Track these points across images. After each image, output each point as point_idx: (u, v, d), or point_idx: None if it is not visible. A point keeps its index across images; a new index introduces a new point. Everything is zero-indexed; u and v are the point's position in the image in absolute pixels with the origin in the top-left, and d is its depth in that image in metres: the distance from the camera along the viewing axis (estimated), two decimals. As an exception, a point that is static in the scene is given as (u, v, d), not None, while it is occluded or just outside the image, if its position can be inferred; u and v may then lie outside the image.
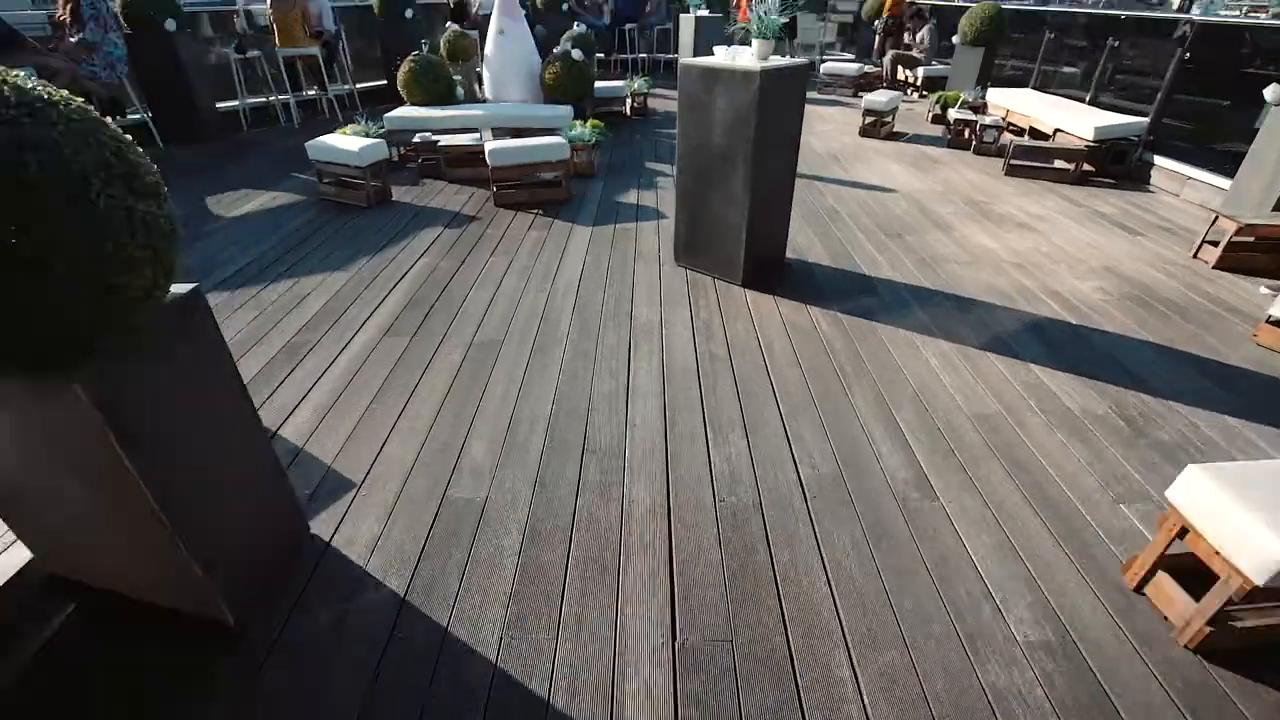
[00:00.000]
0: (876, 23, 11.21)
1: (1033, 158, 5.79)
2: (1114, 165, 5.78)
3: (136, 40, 6.60)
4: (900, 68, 9.71)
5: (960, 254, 4.07)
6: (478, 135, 5.39)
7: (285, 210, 4.88)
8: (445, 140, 5.44)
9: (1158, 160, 5.63)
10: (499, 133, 5.87)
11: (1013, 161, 5.79)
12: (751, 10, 3.18)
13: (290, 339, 3.13)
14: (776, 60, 3.17)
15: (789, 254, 3.95)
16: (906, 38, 9.43)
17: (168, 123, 6.95)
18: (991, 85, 7.83)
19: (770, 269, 3.75)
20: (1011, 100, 7.16)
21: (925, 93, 9.39)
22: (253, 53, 7.66)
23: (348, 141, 4.85)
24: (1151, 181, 5.65)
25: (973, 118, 6.69)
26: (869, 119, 7.10)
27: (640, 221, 4.54)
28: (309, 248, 4.19)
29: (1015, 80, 8.57)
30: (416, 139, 5.61)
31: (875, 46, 11.11)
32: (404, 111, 6.03)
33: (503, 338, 3.09)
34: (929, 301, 3.47)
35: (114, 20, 6.35)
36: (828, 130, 7.40)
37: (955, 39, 8.37)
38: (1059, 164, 5.75)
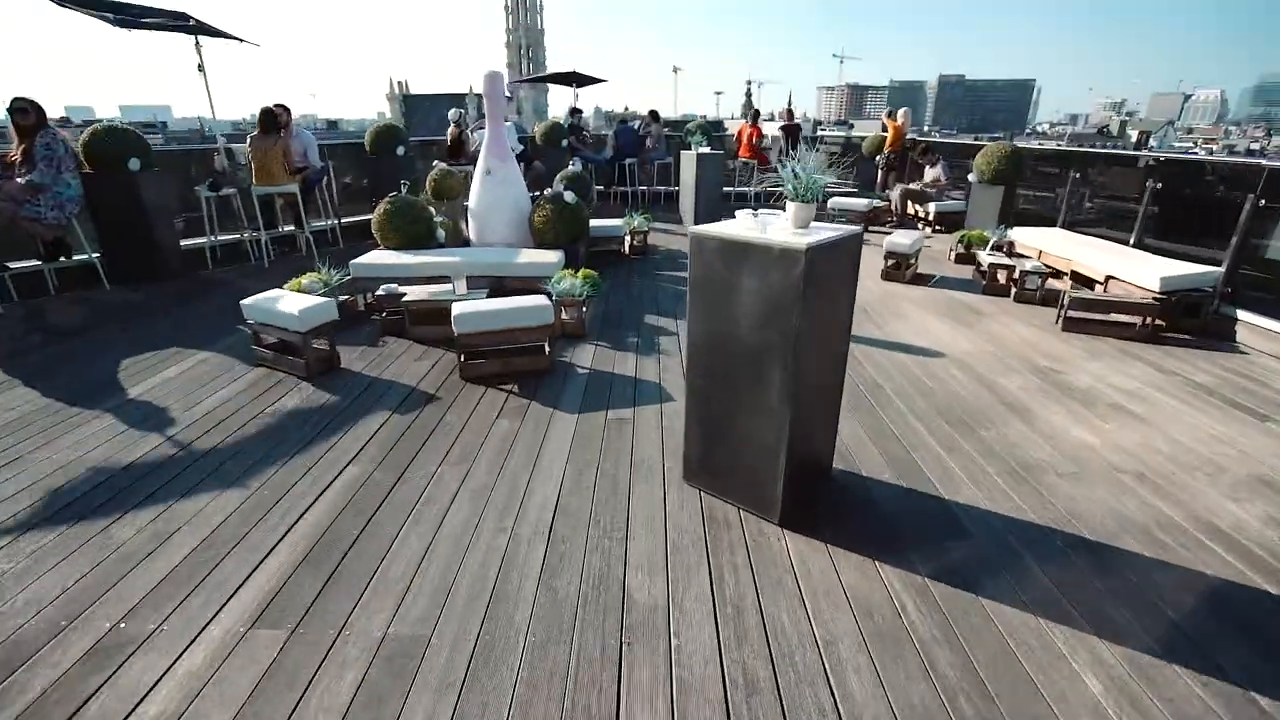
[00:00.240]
0: (879, 157, 11.14)
1: (1092, 309, 5.01)
2: (1187, 319, 5.00)
3: (97, 179, 6.11)
4: (910, 202, 9.35)
5: (1055, 457, 3.11)
6: (450, 287, 4.63)
7: (208, 381, 3.99)
8: (411, 294, 4.66)
9: (1241, 315, 4.84)
10: (476, 281, 5.14)
11: (1070, 314, 5.01)
12: (783, 166, 2.43)
13: (111, 627, 2.07)
14: (820, 229, 2.37)
15: (835, 461, 2.99)
16: (926, 174, 9.12)
17: (125, 262, 6.35)
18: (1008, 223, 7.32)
19: (814, 489, 2.77)
20: (1044, 241, 6.56)
21: (938, 227, 8.97)
22: (227, 190, 7.21)
23: (288, 301, 4.06)
24: (1238, 339, 4.83)
25: (1008, 262, 6.03)
26: (890, 261, 6.47)
27: (639, 405, 3.62)
28: (211, 441, 3.25)
29: (1029, 217, 8.12)
30: (380, 291, 4.86)
31: (879, 181, 10.94)
32: (372, 257, 5.35)
33: (429, 634, 2.04)
34: (1044, 549, 2.45)
35: (71, 160, 5.87)
36: (846, 272, 6.73)
37: (971, 177, 8.00)
38: (1117, 316, 4.96)
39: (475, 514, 2.64)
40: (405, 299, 4.61)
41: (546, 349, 4.10)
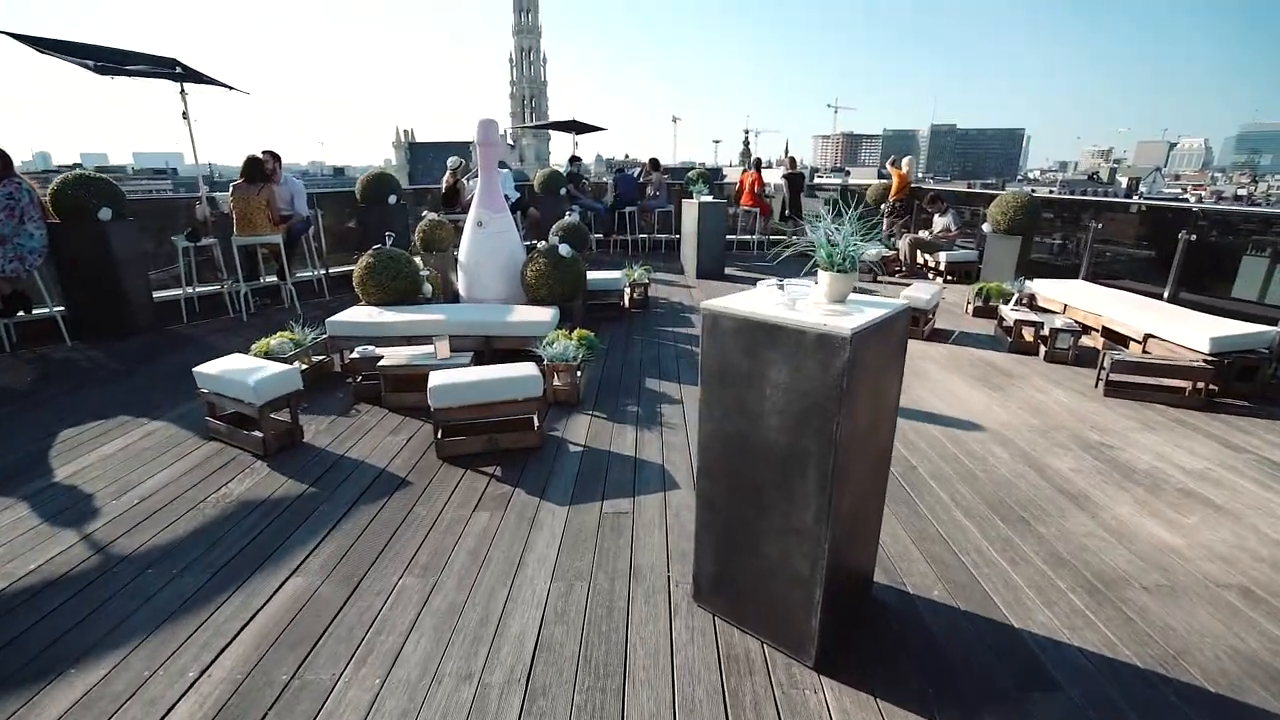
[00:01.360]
0: (883, 206, 10.93)
1: (1137, 373, 4.57)
2: (1240, 383, 4.56)
3: (65, 229, 5.76)
4: (919, 252, 9.04)
5: (1135, 564, 2.61)
6: (430, 349, 4.20)
7: (150, 459, 3.51)
8: (387, 358, 4.22)
9: (1304, 381, 4.40)
10: (463, 341, 4.72)
11: (1113, 377, 4.57)
12: (813, 228, 2.02)
13: (-64, 838, 1.55)
14: (861, 306, 1.94)
15: (875, 572, 2.49)
16: (935, 223, 8.83)
17: (90, 317, 5.96)
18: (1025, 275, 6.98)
19: (854, 615, 2.27)
20: (1069, 294, 6.18)
21: (949, 278, 8.64)
22: (207, 240, 6.88)
23: (245, 368, 3.62)
24: (1302, 407, 4.37)
25: (1035, 318, 5.62)
26: (908, 316, 6.06)
27: (639, 494, 3.13)
28: (136, 541, 2.75)
29: (1043, 267, 7.79)
30: (355, 353, 4.43)
31: (884, 230, 10.68)
32: (351, 314, 4.94)
33: None
34: (1156, 707, 1.93)
35: (36, 210, 5.53)
36: (859, 327, 6.32)
37: (986, 227, 7.69)
38: (1164, 380, 4.52)
39: (438, 648, 2.13)
40: (381, 363, 4.17)
41: (535, 423, 3.63)
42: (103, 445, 3.71)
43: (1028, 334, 5.63)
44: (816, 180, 16.64)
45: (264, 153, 7.31)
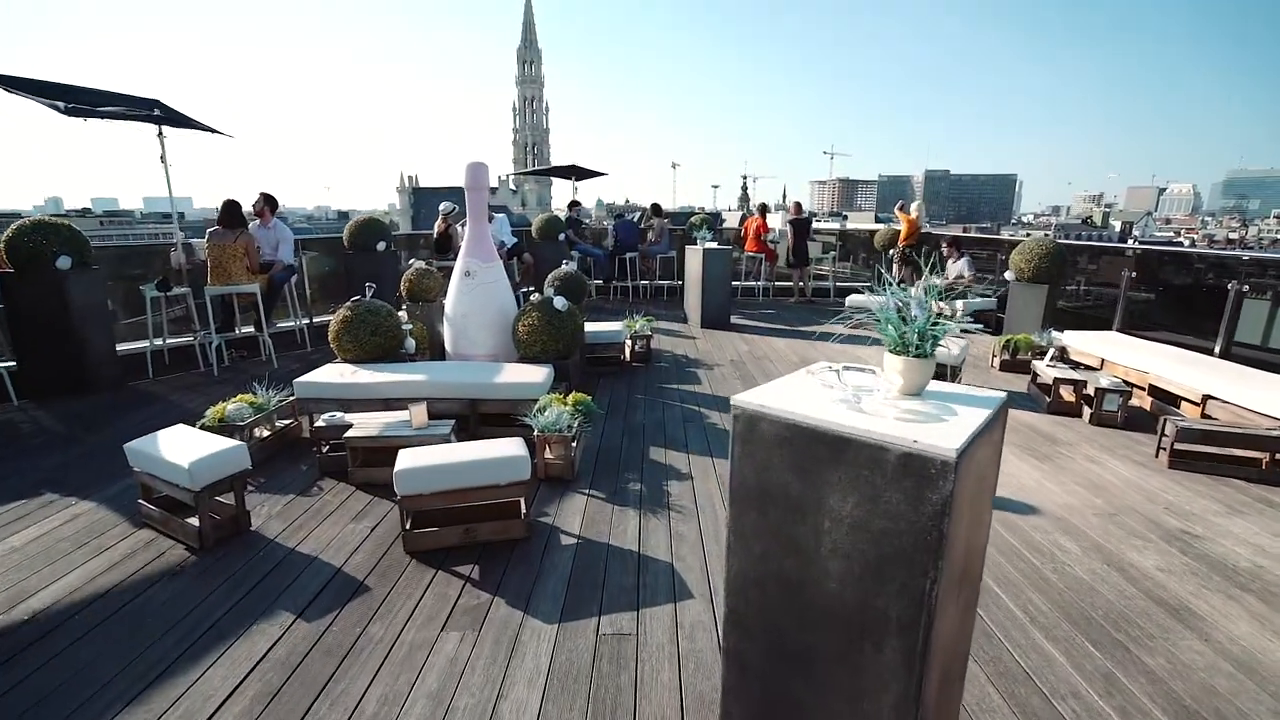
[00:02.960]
0: (891, 251, 10.63)
1: (1204, 442, 4.04)
2: (1321, 453, 4.03)
3: (18, 280, 5.33)
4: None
5: (1280, 712, 2.04)
6: (406, 415, 3.69)
7: (65, 553, 2.96)
8: (357, 427, 3.71)
9: (1397, 452, 3.87)
10: (449, 404, 4.21)
11: (1178, 446, 4.04)
12: (876, 292, 1.54)
13: None
14: (947, 402, 1.45)
15: None
16: (949, 269, 8.43)
17: (43, 372, 5.46)
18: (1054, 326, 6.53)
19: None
20: (1106, 348, 5.71)
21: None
22: (180, 289, 6.45)
23: (184, 445, 3.09)
24: (1398, 483, 3.83)
25: (1077, 375, 5.13)
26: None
27: (645, 606, 2.57)
28: (10, 679, 2.18)
29: (1066, 317, 7.35)
30: (321, 421, 3.92)
31: (894, 276, 10.32)
32: (322, 374, 4.44)
33: None
34: None
35: (-13, 260, 5.11)
36: (880, 383, 5.82)
37: (1008, 275, 7.28)
38: (1233, 449, 4.01)
39: None
40: (349, 434, 3.65)
41: (522, 509, 3.09)
42: (14, 534, 3.16)
43: (1067, 393, 5.13)
44: (814, 225, 16.49)
45: (260, 194, 6.97)
